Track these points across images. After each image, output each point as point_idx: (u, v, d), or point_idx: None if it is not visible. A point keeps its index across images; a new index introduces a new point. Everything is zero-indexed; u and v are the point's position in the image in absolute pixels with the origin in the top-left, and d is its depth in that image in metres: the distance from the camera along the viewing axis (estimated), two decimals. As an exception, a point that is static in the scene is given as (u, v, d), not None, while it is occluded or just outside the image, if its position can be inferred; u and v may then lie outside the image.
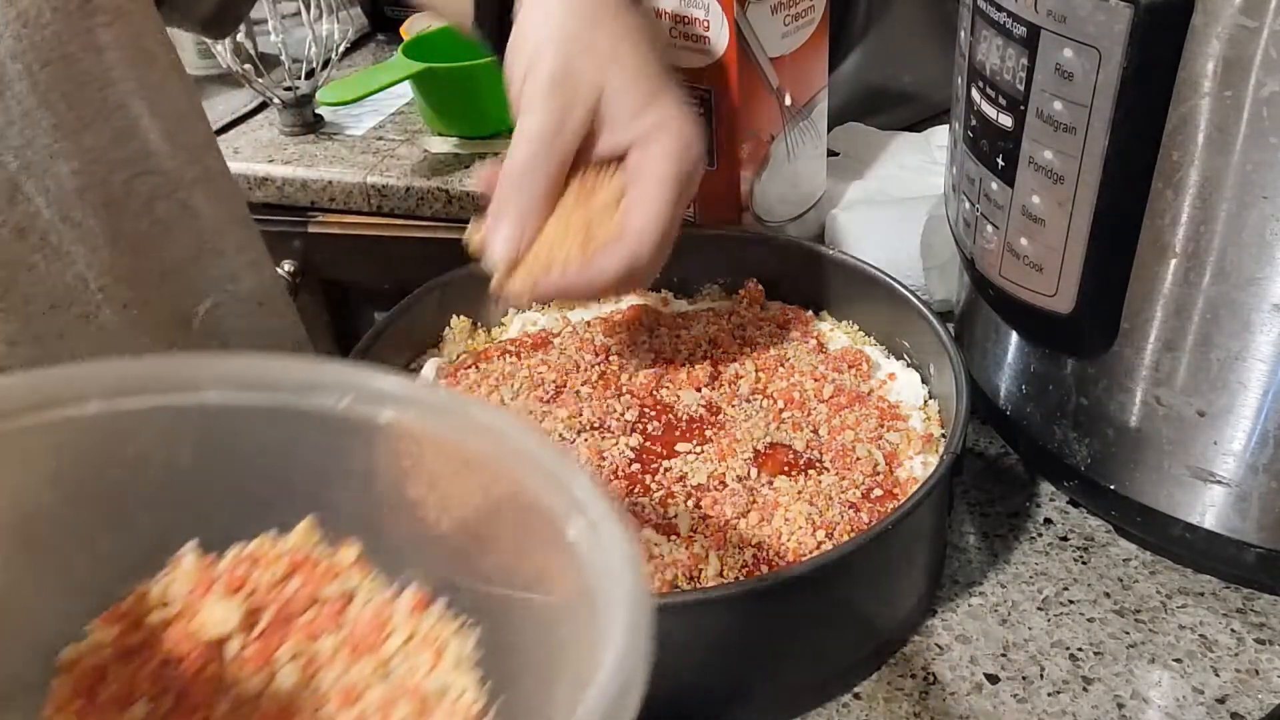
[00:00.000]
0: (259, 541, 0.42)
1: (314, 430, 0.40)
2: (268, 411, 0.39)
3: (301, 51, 1.17)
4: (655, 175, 0.52)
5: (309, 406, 0.39)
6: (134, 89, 0.57)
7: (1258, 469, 0.53)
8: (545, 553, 0.34)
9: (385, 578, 0.41)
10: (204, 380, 0.39)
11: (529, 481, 0.35)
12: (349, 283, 1.20)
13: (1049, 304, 0.55)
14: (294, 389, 0.39)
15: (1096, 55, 0.46)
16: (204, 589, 0.40)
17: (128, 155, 0.57)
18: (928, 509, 0.52)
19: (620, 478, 0.55)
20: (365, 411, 0.38)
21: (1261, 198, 0.46)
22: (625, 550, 0.30)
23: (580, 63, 0.52)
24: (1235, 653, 0.54)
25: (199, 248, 0.63)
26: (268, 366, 0.40)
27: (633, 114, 0.53)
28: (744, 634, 0.50)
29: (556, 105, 0.52)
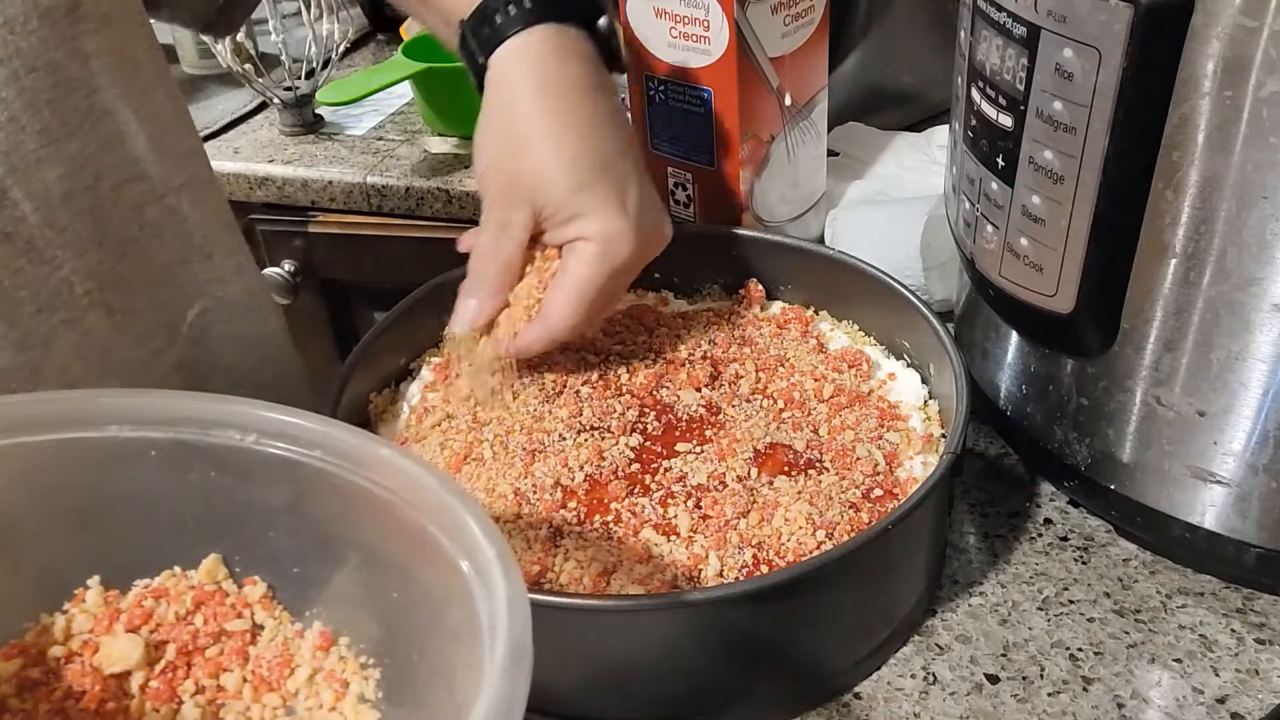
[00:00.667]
0: (164, 576, 0.42)
1: (219, 467, 0.40)
2: (172, 447, 0.39)
3: (301, 51, 1.17)
4: (575, 275, 0.57)
5: (213, 442, 0.39)
6: (120, 95, 0.57)
7: (1258, 469, 0.53)
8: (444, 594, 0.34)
9: (291, 615, 0.42)
10: (106, 415, 0.39)
11: (430, 526, 0.35)
12: (349, 283, 1.20)
13: (1049, 304, 0.55)
14: (198, 425, 0.39)
15: (1096, 55, 0.46)
16: (108, 624, 0.40)
17: (115, 161, 0.58)
18: (928, 509, 0.52)
19: (620, 477, 0.55)
20: (271, 450, 0.39)
21: (1261, 198, 0.46)
22: (510, 594, 0.32)
23: (523, 165, 0.57)
24: (1235, 653, 0.54)
25: (187, 253, 0.63)
26: (172, 402, 0.40)
27: (563, 216, 0.57)
28: (744, 634, 0.50)
29: (501, 209, 0.58)
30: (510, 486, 0.55)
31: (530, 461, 0.57)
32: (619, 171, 0.57)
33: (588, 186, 0.56)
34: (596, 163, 0.57)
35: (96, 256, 0.57)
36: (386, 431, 0.63)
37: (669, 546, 0.52)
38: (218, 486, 0.40)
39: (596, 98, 0.58)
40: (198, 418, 0.39)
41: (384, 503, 0.37)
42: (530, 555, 0.52)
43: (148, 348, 0.61)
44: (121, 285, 0.59)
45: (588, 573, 0.51)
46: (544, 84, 0.57)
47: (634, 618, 0.48)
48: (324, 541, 0.41)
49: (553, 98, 0.57)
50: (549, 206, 0.57)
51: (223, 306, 0.66)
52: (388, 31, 1.40)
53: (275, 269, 1.16)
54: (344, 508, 0.39)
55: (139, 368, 0.61)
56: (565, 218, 0.57)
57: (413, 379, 0.67)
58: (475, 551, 0.33)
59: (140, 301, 0.60)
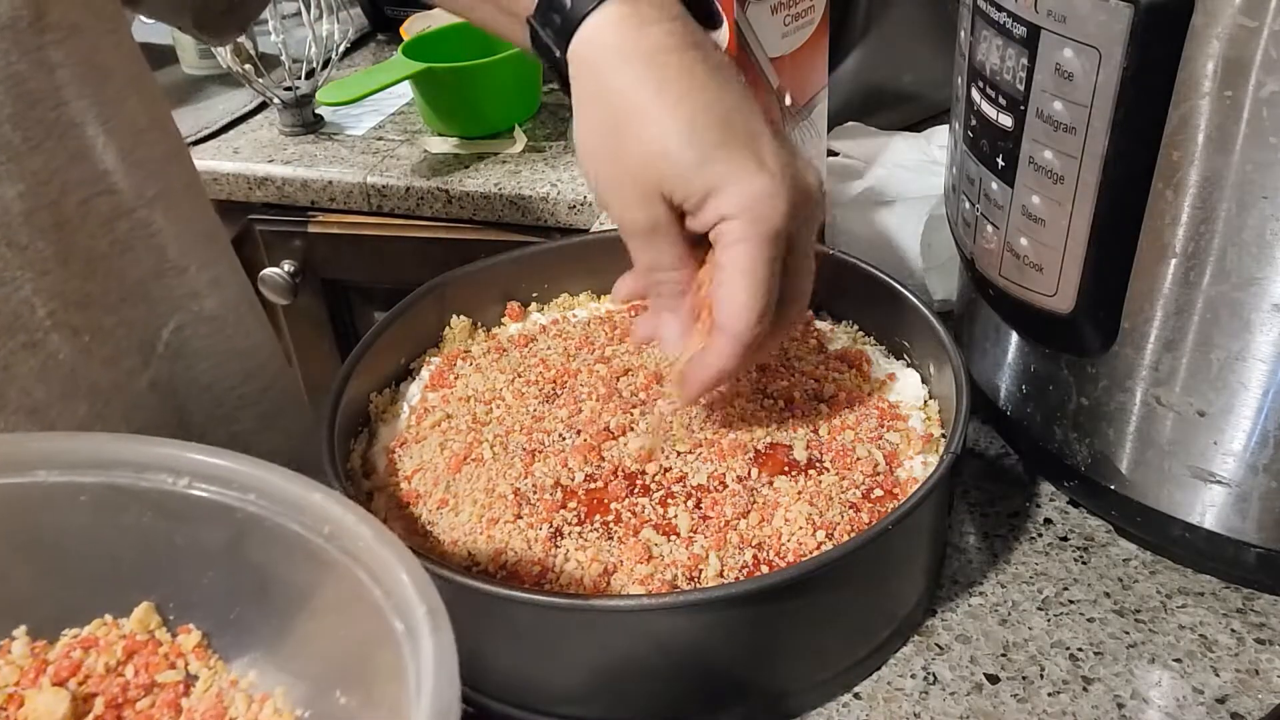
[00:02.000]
0: (95, 625, 0.41)
1: (152, 511, 0.39)
2: (103, 490, 0.39)
3: (301, 51, 1.17)
4: (732, 263, 0.49)
5: (147, 486, 0.38)
6: (89, 106, 0.55)
7: (1258, 469, 0.53)
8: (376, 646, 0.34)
9: (225, 663, 0.41)
10: (34, 460, 0.39)
11: (363, 576, 0.35)
12: (349, 283, 1.21)
13: (1049, 304, 0.55)
14: (131, 468, 0.38)
15: (1096, 55, 0.46)
16: (34, 676, 0.39)
17: (83, 175, 0.55)
18: (928, 509, 0.52)
19: (620, 477, 0.55)
20: (205, 494, 0.38)
21: (1261, 198, 0.46)
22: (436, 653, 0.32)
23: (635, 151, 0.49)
24: (1235, 653, 0.54)
25: (160, 267, 0.61)
26: (103, 445, 0.39)
27: (696, 198, 0.49)
28: (744, 634, 0.50)
29: (633, 211, 0.50)
30: (510, 486, 0.55)
31: (530, 461, 0.57)
32: (743, 126, 0.49)
33: (713, 154, 0.48)
34: (715, 122, 0.48)
35: (61, 276, 0.55)
36: (387, 432, 0.63)
37: (669, 546, 0.52)
38: (151, 530, 0.39)
39: (695, 55, 0.50)
40: (130, 460, 0.38)
41: (318, 549, 0.36)
42: (530, 555, 0.52)
43: (119, 368, 0.59)
44: (90, 304, 0.57)
45: (588, 573, 0.51)
46: (631, 53, 0.49)
47: (634, 618, 0.48)
48: (260, 587, 0.40)
49: (643, 65, 0.49)
50: (678, 190, 0.48)
51: (200, 321, 0.64)
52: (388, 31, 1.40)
53: (275, 269, 1.16)
54: (279, 553, 0.38)
55: (110, 389, 0.58)
56: (699, 198, 0.48)
57: (413, 379, 0.67)
58: (406, 607, 0.33)
59: (111, 320, 0.58)
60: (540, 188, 1.05)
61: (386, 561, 0.34)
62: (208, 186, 1.14)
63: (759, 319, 0.49)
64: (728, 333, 0.50)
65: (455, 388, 0.64)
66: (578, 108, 0.51)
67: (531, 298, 0.72)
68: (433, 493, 0.56)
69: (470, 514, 0.54)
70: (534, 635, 0.50)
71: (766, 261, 0.48)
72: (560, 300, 0.72)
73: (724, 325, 0.50)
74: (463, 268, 0.69)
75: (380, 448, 0.62)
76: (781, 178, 0.48)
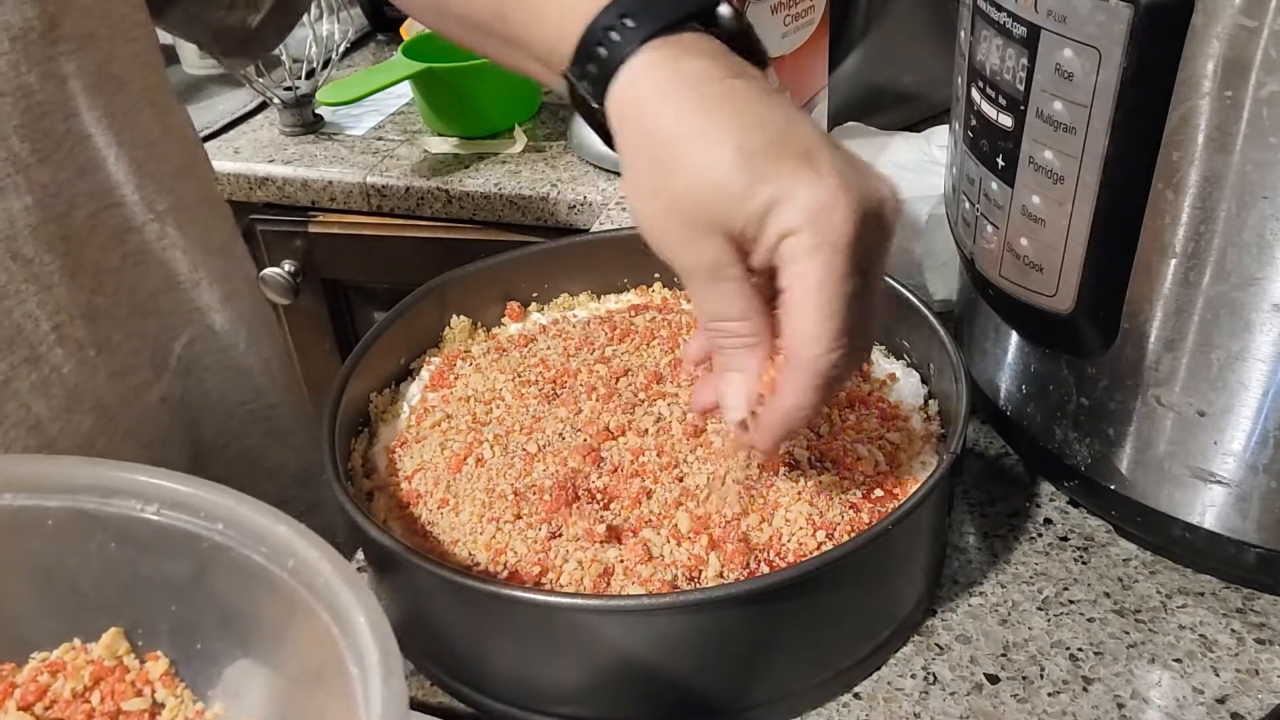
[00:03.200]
0: (63, 649, 0.41)
1: (119, 538, 0.39)
2: (70, 515, 0.38)
3: (301, 51, 1.17)
4: (801, 282, 0.44)
5: (113, 512, 0.38)
6: (100, 118, 0.55)
7: (1258, 469, 0.53)
8: (333, 682, 0.34)
9: (193, 693, 0.41)
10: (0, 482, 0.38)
11: (323, 613, 0.35)
12: (349, 283, 1.20)
13: (1049, 304, 0.55)
14: (98, 493, 0.38)
15: (1096, 55, 0.46)
16: (1, 699, 0.39)
17: (92, 188, 0.55)
18: (928, 509, 0.52)
19: (620, 477, 0.55)
20: (172, 522, 0.38)
21: (1261, 198, 0.46)
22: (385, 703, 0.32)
23: (687, 184, 0.45)
24: (1235, 653, 0.54)
25: (172, 280, 0.61)
26: (71, 470, 0.39)
27: (755, 221, 0.44)
28: (744, 634, 0.50)
29: (693, 253, 0.46)
30: (510, 486, 0.55)
31: (530, 461, 0.57)
32: (797, 140, 0.44)
33: (766, 171, 0.43)
34: (765, 140, 0.44)
35: (68, 289, 0.54)
36: (387, 431, 0.63)
37: (669, 546, 0.52)
38: (118, 558, 0.39)
39: (739, 83, 0.46)
40: (97, 485, 0.38)
41: (281, 582, 0.36)
42: (530, 555, 0.52)
43: (127, 383, 0.58)
44: (98, 318, 0.56)
45: (588, 573, 0.51)
46: (670, 88, 0.45)
47: (634, 618, 0.48)
48: (226, 618, 0.40)
49: (685, 95, 0.45)
50: (736, 215, 0.44)
51: (213, 336, 0.64)
52: (388, 31, 1.40)
53: (275, 269, 1.16)
54: (244, 585, 0.38)
55: (117, 404, 0.58)
56: (758, 221, 0.44)
57: (413, 379, 0.67)
58: (360, 650, 0.33)
59: (120, 334, 0.58)
60: (540, 188, 1.05)
61: (345, 601, 0.34)
62: (208, 186, 1.15)
63: (836, 344, 0.44)
64: (801, 362, 0.44)
65: (455, 388, 0.64)
66: (623, 156, 0.47)
67: (531, 298, 0.72)
68: (433, 493, 0.56)
69: (470, 514, 0.54)
70: (534, 635, 0.50)
71: (840, 277, 0.43)
72: (560, 300, 0.72)
73: (796, 354, 0.45)
74: (463, 268, 0.69)
75: (380, 448, 0.62)
76: (846, 185, 0.43)
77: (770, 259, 0.45)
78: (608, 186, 1.04)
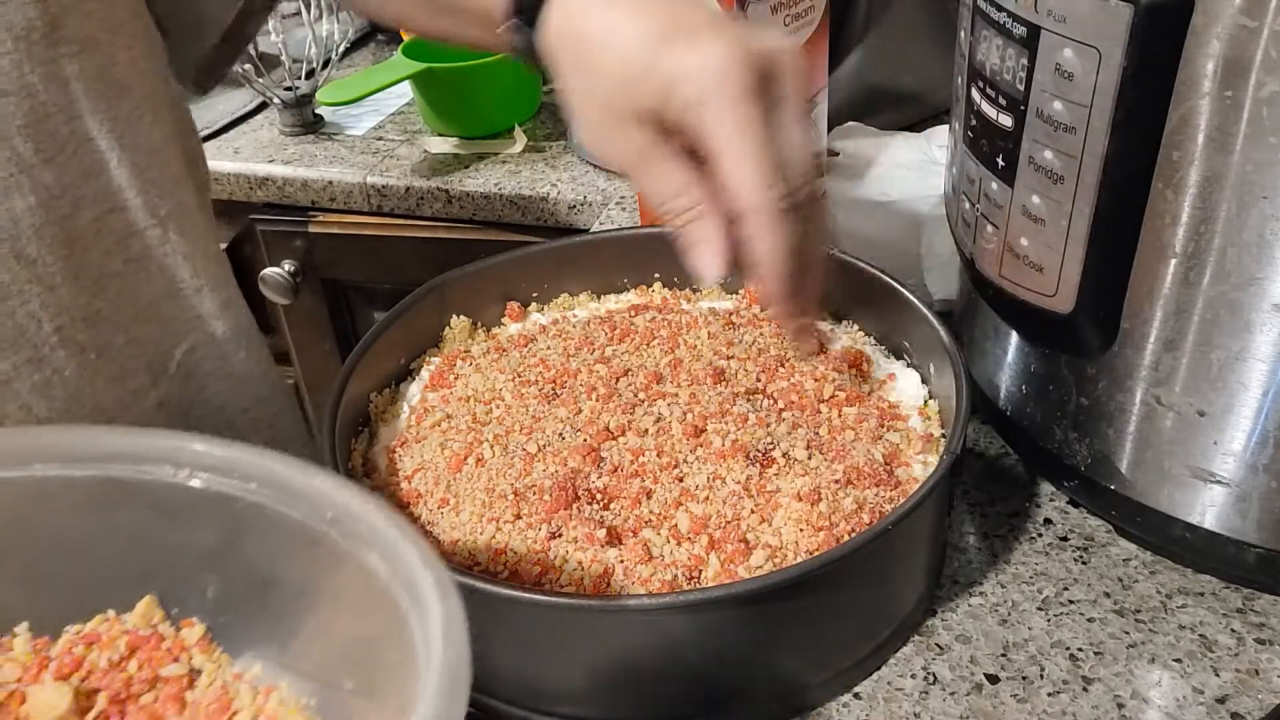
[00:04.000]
0: (97, 621, 0.41)
1: (151, 505, 0.38)
2: (100, 484, 0.38)
3: (301, 51, 1.17)
4: (719, 133, 0.47)
5: (146, 479, 0.38)
6: (102, 121, 0.54)
7: (1258, 469, 0.53)
8: (384, 626, 0.34)
9: (230, 656, 0.41)
10: (31, 453, 0.38)
11: (369, 556, 0.34)
12: (349, 283, 1.20)
13: (1049, 304, 0.55)
14: (130, 460, 0.38)
15: (1096, 55, 0.46)
16: (36, 672, 0.39)
17: (95, 192, 0.55)
18: (928, 509, 0.52)
19: (620, 477, 0.55)
20: (206, 485, 0.38)
21: (1261, 198, 0.46)
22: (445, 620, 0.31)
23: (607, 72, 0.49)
24: (1235, 653, 0.54)
25: (174, 287, 0.61)
26: (102, 438, 0.39)
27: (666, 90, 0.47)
28: (744, 634, 0.50)
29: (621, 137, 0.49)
30: (510, 486, 0.55)
31: (530, 461, 0.57)
32: (690, 17, 0.48)
33: (665, 49, 0.47)
34: (663, 23, 0.48)
35: (70, 291, 0.54)
36: (387, 431, 0.63)
37: (669, 546, 0.52)
38: (149, 525, 0.39)
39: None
40: (129, 453, 0.38)
41: (321, 536, 0.36)
42: (530, 555, 0.52)
43: (126, 387, 0.58)
44: (99, 322, 0.56)
45: (588, 573, 0.51)
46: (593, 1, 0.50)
47: (634, 618, 0.48)
48: (261, 583, 0.39)
49: (603, 3, 0.50)
50: (647, 98, 0.48)
51: (211, 343, 0.64)
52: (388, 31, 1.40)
53: (275, 269, 1.16)
54: (281, 547, 0.37)
55: (115, 407, 0.58)
56: (666, 95, 0.47)
57: (413, 379, 0.67)
58: (412, 579, 0.33)
59: (121, 339, 0.57)
60: (540, 188, 1.05)
61: (391, 538, 0.34)
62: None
63: (772, 178, 0.47)
64: (751, 206, 0.47)
65: (455, 388, 0.64)
66: (563, 74, 0.52)
67: (531, 298, 0.72)
68: (433, 492, 0.56)
69: (470, 514, 0.54)
70: (534, 635, 0.50)
71: (747, 121, 0.46)
72: (560, 300, 0.72)
73: (743, 201, 0.47)
74: (463, 268, 0.69)
75: (380, 448, 0.62)
76: (737, 41, 0.47)
77: (686, 129, 0.48)
78: (608, 186, 1.04)
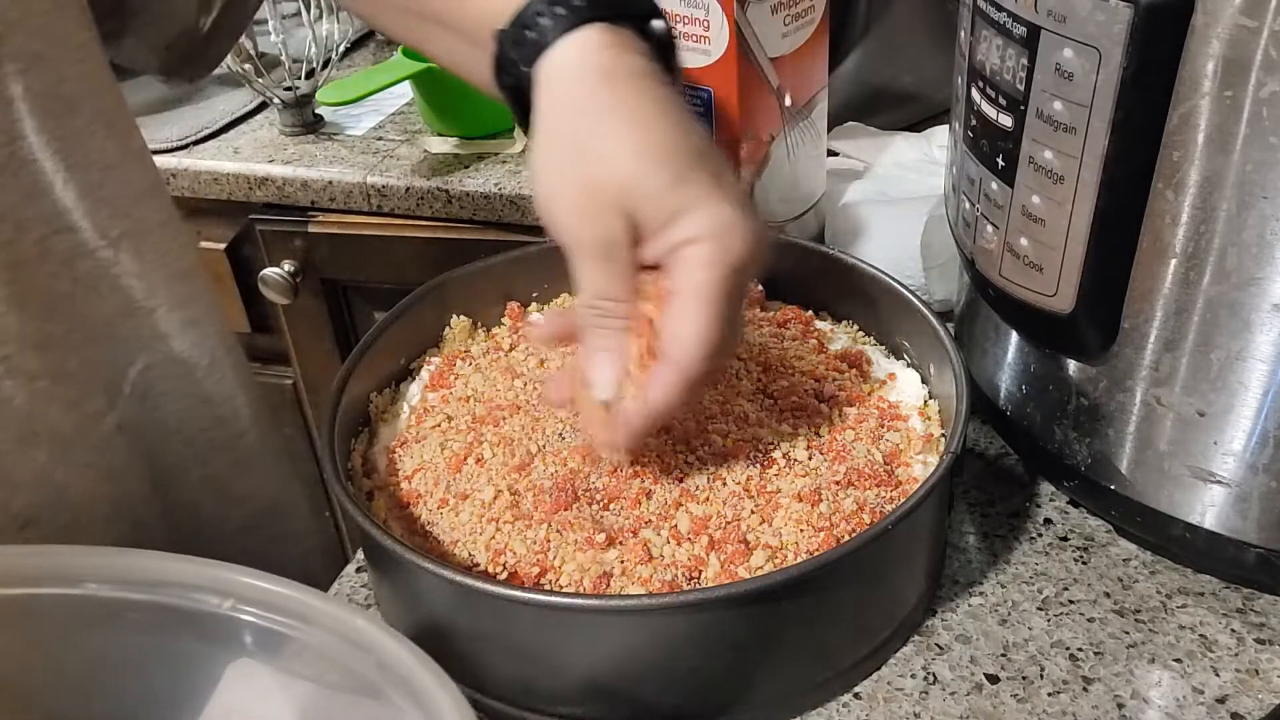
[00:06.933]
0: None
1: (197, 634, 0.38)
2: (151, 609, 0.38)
3: (301, 51, 1.17)
4: (694, 289, 0.47)
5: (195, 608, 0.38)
6: (48, 142, 0.53)
7: (1258, 469, 0.53)
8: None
9: None
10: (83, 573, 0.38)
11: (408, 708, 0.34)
12: (349, 283, 1.20)
13: (1049, 304, 0.55)
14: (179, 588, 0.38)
15: (1096, 55, 0.46)
16: None
17: (40, 213, 0.53)
18: (928, 509, 0.52)
19: (620, 477, 0.55)
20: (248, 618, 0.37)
21: (1261, 198, 0.46)
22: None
23: (605, 168, 0.47)
24: (1235, 653, 0.54)
25: (128, 306, 0.59)
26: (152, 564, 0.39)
27: (662, 218, 0.47)
28: (744, 634, 0.50)
29: (589, 226, 0.48)
30: (510, 487, 0.55)
31: (530, 461, 0.57)
32: (714, 162, 0.48)
33: (687, 178, 0.47)
34: (689, 151, 0.47)
35: (17, 319, 0.52)
36: (387, 432, 0.63)
37: (669, 546, 0.52)
38: (194, 654, 0.39)
39: (670, 92, 0.49)
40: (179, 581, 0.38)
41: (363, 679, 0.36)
42: (530, 556, 0.52)
43: (82, 411, 0.57)
44: (50, 346, 0.54)
45: (588, 573, 0.51)
46: (612, 74, 0.48)
47: (634, 618, 0.48)
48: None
49: (627, 85, 0.48)
50: (645, 208, 0.47)
51: (169, 362, 0.62)
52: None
53: (275, 269, 1.16)
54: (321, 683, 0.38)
55: (73, 434, 0.56)
56: (665, 219, 0.47)
57: (413, 379, 0.67)
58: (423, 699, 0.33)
59: (74, 362, 0.56)
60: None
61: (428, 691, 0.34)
62: (208, 186, 1.14)
63: (710, 353, 0.47)
64: (677, 365, 0.47)
65: (455, 388, 0.64)
66: (540, 123, 0.50)
67: (531, 298, 0.72)
68: (433, 493, 0.56)
69: (470, 514, 0.54)
70: (534, 635, 0.50)
71: (728, 294, 0.47)
72: (560, 300, 0.72)
73: (675, 357, 0.47)
74: (463, 268, 0.69)
75: (380, 448, 0.62)
76: (744, 213, 0.47)
77: (665, 258, 0.48)
78: (608, 186, 1.04)
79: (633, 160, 0.47)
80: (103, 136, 0.57)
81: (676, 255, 0.47)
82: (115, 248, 0.57)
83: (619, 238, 0.48)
